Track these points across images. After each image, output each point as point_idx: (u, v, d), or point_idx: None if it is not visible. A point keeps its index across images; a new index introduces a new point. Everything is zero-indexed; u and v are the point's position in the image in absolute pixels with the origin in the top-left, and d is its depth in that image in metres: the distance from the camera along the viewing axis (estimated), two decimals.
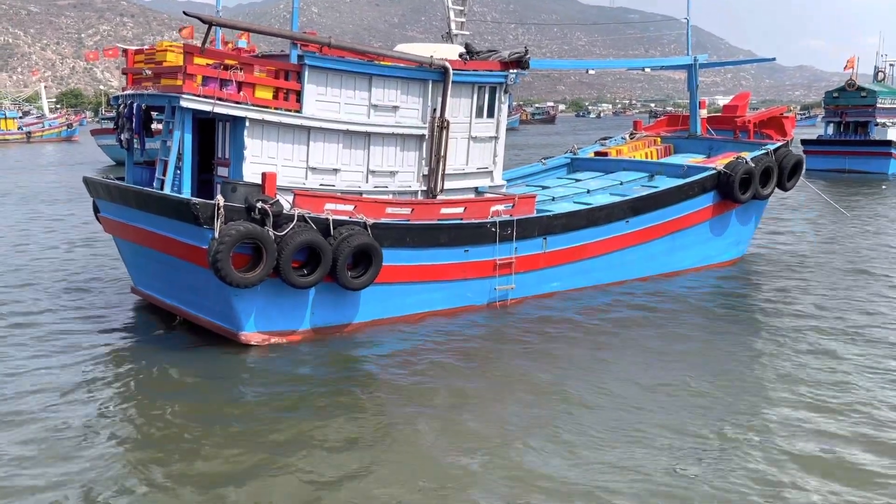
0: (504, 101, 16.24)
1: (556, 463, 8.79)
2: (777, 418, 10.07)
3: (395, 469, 8.72)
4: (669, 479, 8.43)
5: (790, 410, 10.32)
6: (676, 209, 17.71)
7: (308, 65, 13.54)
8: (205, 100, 12.69)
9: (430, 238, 14.05)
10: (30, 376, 11.38)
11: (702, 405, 10.49)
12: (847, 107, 49.46)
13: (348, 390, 11.08)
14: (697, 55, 21.28)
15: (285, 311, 13.01)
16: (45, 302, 15.48)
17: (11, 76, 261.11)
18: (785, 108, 23.55)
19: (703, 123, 21.79)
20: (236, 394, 11.01)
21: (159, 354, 12.51)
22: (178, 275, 13.44)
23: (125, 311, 15.06)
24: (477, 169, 16.13)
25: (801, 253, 21.10)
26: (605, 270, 16.77)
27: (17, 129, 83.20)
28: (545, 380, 11.45)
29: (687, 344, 13.22)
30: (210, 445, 9.26)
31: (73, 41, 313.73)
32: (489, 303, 15.17)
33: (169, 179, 13.03)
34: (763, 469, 8.68)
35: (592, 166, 20.89)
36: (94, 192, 14.94)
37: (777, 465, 8.79)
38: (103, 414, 10.25)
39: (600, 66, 24.01)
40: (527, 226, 15.21)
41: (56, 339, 13.14)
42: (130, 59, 14.76)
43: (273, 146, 13.45)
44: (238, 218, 12.00)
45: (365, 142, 14.44)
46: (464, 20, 16.83)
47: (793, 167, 19.51)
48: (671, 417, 10.05)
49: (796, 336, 13.53)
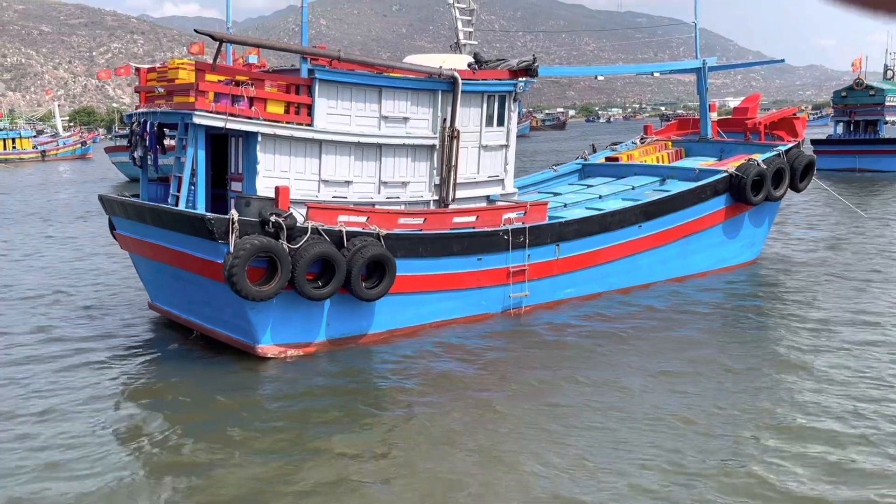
0: (514, 109, 16.30)
1: (567, 479, 8.67)
2: (795, 426, 9.97)
3: (411, 481, 8.74)
4: (684, 493, 8.40)
5: (812, 418, 10.25)
6: (689, 213, 17.70)
7: (318, 78, 13.66)
8: (217, 116, 12.82)
9: (443, 247, 14.11)
10: (48, 391, 11.50)
11: (723, 417, 10.28)
12: (856, 106, 49.27)
13: (365, 402, 11.12)
14: (706, 58, 21.29)
15: (301, 323, 13.09)
16: (64, 319, 15.64)
17: (25, 95, 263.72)
18: (796, 109, 23.51)
19: (713, 126, 21.76)
20: (254, 407, 11.07)
21: (177, 369, 12.62)
22: (195, 290, 13.56)
23: (142, 326, 15.19)
24: (488, 177, 16.19)
25: (815, 254, 21.00)
26: (618, 275, 16.77)
27: (32, 148, 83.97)
28: (561, 391, 11.35)
29: (703, 350, 13.11)
30: (228, 458, 9.31)
31: (84, 59, 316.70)
32: (504, 310, 15.19)
33: (183, 195, 13.16)
34: (783, 480, 8.64)
35: (604, 172, 20.91)
36: (110, 209, 15.09)
37: (800, 478, 8.75)
38: (121, 428, 10.33)
39: (609, 73, 24.05)
40: (539, 233, 15.24)
41: (74, 355, 13.26)
42: (143, 77, 14.92)
43: (285, 160, 13.56)
44: (252, 232, 12.10)
45: (376, 153, 14.52)
46: (472, 30, 16.92)
47: (805, 168, 19.46)
48: (688, 431, 9.88)
49: (814, 339, 13.43)
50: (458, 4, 16.56)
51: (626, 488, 8.38)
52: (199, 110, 12.75)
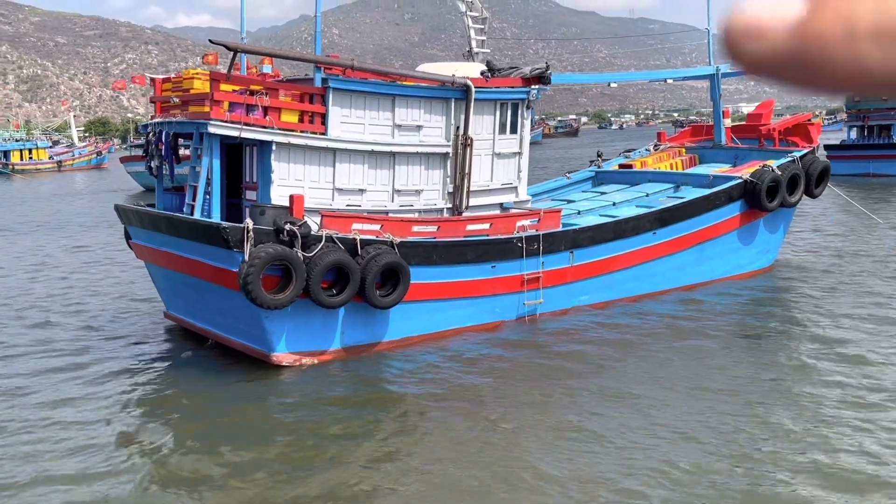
0: (527, 117, 16.31)
1: (577, 490, 8.70)
2: (811, 437, 9.92)
3: (425, 490, 8.72)
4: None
5: (826, 428, 10.18)
6: (703, 219, 17.63)
7: (332, 87, 13.72)
8: (232, 125, 12.90)
9: (457, 255, 14.12)
10: (66, 400, 11.57)
11: (738, 432, 10.16)
12: (869, 110, 49.03)
13: (379, 410, 11.12)
14: (719, 64, 21.23)
15: (315, 331, 13.12)
16: (79, 328, 15.74)
17: (41, 106, 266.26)
18: (810, 115, 23.40)
19: (727, 133, 21.69)
20: (268, 415, 11.10)
21: (192, 377, 12.68)
22: (210, 298, 13.62)
23: (158, 335, 15.26)
24: (501, 185, 16.19)
25: (831, 260, 20.83)
26: (633, 283, 16.71)
27: (49, 159, 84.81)
28: (576, 403, 11.24)
29: (719, 359, 12.97)
30: (242, 467, 9.33)
31: (99, 70, 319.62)
32: (518, 318, 15.17)
33: (199, 205, 13.23)
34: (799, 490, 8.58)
35: (617, 179, 20.86)
36: (126, 219, 15.19)
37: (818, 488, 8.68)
38: (137, 436, 10.38)
39: (622, 80, 23.98)
40: (553, 240, 15.22)
41: (88, 364, 13.34)
42: (158, 87, 15.03)
43: (300, 168, 13.62)
44: (267, 240, 12.15)
45: (390, 161, 14.56)
46: (484, 38, 16.97)
47: (820, 174, 19.36)
48: (702, 442, 9.81)
49: (833, 349, 13.19)
50: (470, 13, 16.62)
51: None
52: (214, 120, 12.83)
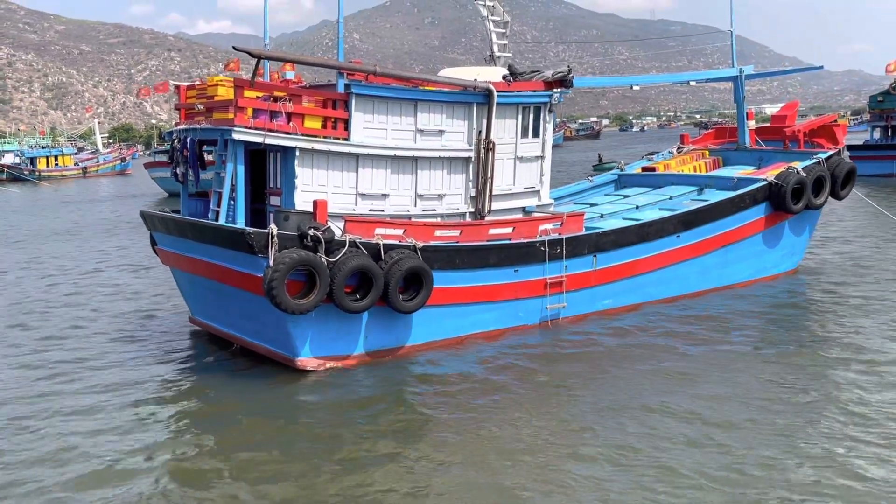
0: (549, 121, 16.29)
1: (606, 495, 8.66)
2: (839, 446, 9.82)
3: (447, 494, 8.72)
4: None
5: (854, 444, 10.06)
6: (728, 222, 17.50)
7: (355, 93, 13.79)
8: (256, 132, 13.00)
9: (480, 259, 14.11)
10: (94, 404, 11.69)
11: (765, 444, 10.06)
12: (892, 110, 48.70)
13: (403, 415, 11.15)
14: (743, 66, 21.08)
15: (339, 335, 13.16)
16: (107, 332, 15.91)
17: (66, 114, 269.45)
18: (835, 116, 23.18)
19: (751, 134, 21.53)
20: (293, 419, 11.14)
21: (217, 382, 12.77)
22: (235, 303, 13.71)
23: (184, 340, 15.39)
24: (524, 189, 16.17)
25: (857, 262, 20.58)
26: (657, 286, 16.62)
27: (74, 165, 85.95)
28: (599, 406, 11.20)
29: (744, 364, 12.86)
30: (267, 470, 9.39)
31: (123, 77, 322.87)
32: (541, 322, 15.14)
33: (223, 210, 13.33)
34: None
35: (640, 182, 20.77)
36: (151, 225, 15.33)
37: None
38: (164, 439, 10.47)
39: (644, 82, 23.86)
40: (576, 244, 15.18)
41: (117, 368, 13.48)
42: (183, 94, 15.16)
43: (323, 174, 13.69)
44: (291, 246, 12.22)
45: (412, 166, 14.60)
46: (506, 42, 16.96)
47: (846, 175, 19.15)
48: (730, 452, 9.71)
49: (862, 356, 12.96)
50: (492, 17, 16.62)
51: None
52: (238, 126, 12.94)
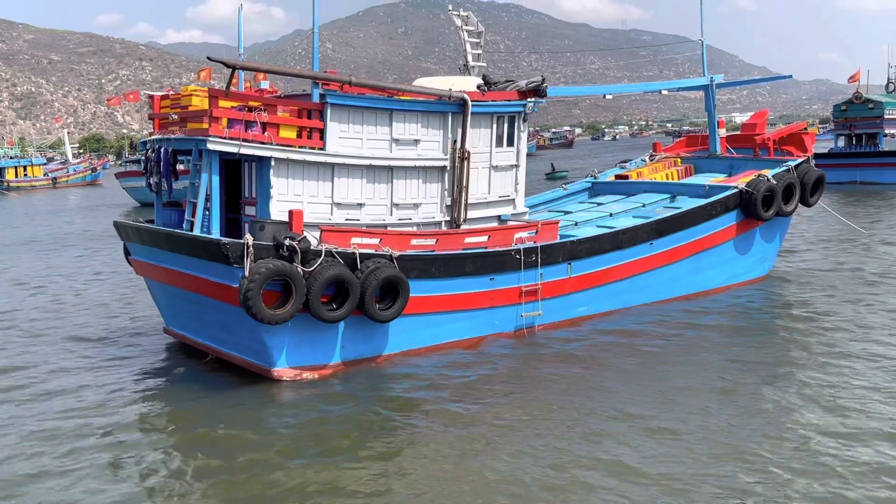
0: (523, 130, 16.41)
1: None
2: (811, 447, 10.00)
3: (423, 500, 8.75)
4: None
5: (823, 441, 10.23)
6: (700, 229, 17.73)
7: (330, 103, 13.80)
8: (231, 142, 12.96)
9: (456, 268, 14.17)
10: (62, 415, 11.56)
11: (738, 437, 10.33)
12: (855, 119, 49.89)
13: (380, 424, 11.14)
14: (713, 75, 21.39)
15: (316, 345, 13.14)
16: (79, 345, 15.73)
17: (35, 124, 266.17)
18: (805, 124, 23.55)
19: (722, 143, 21.84)
20: (270, 430, 11.08)
21: (192, 393, 12.67)
22: (210, 314, 13.64)
23: (158, 351, 15.26)
24: (499, 197, 16.27)
25: (824, 268, 20.94)
26: (631, 293, 16.78)
27: (44, 176, 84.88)
28: (575, 413, 11.29)
29: (715, 371, 13.04)
30: (244, 481, 9.34)
31: (93, 87, 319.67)
32: (517, 330, 15.22)
33: (198, 220, 13.27)
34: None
35: (614, 189, 20.97)
36: (125, 235, 15.21)
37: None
38: (136, 452, 10.35)
39: (617, 91, 24.11)
40: (551, 252, 15.29)
41: (90, 380, 13.33)
42: (157, 104, 15.08)
43: (298, 184, 13.67)
44: (267, 256, 12.19)
45: (388, 176, 14.63)
46: (480, 52, 17.07)
47: (815, 182, 19.50)
48: (703, 456, 9.86)
49: (830, 357, 13.29)
50: (465, 27, 16.73)
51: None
52: (212, 136, 12.89)
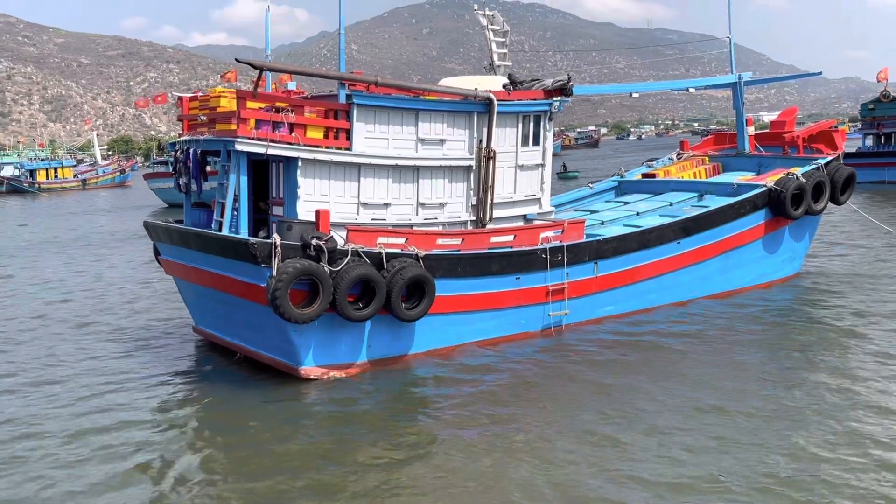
0: (549, 129, 16.37)
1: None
2: (840, 449, 9.87)
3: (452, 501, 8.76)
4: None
5: (860, 449, 10.10)
6: (728, 228, 17.57)
7: (356, 103, 13.87)
8: (259, 142, 13.07)
9: (482, 267, 14.17)
10: (96, 413, 11.73)
11: (761, 437, 10.22)
12: (883, 118, 49.17)
13: (406, 424, 11.17)
14: (741, 73, 21.18)
15: (343, 344, 13.21)
16: (108, 343, 15.94)
17: (65, 126, 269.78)
18: (834, 122, 23.21)
19: (751, 141, 21.62)
20: (297, 429, 11.14)
21: (220, 391, 12.79)
22: (238, 313, 13.76)
23: (187, 349, 15.42)
24: (525, 196, 16.24)
25: (855, 268, 20.65)
26: (658, 292, 16.67)
27: (73, 177, 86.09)
28: (602, 412, 11.22)
29: (745, 371, 12.90)
30: (270, 480, 9.41)
31: (122, 89, 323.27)
32: (543, 329, 15.18)
33: (227, 221, 13.40)
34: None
35: (640, 188, 20.85)
36: (155, 235, 15.39)
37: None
38: (163, 449, 10.48)
39: (644, 90, 23.96)
40: (577, 251, 15.24)
41: (118, 379, 13.49)
42: (185, 105, 15.23)
43: (325, 184, 13.76)
44: (294, 255, 12.28)
45: (414, 175, 14.67)
46: (505, 51, 17.06)
47: (845, 181, 19.25)
48: (730, 459, 9.74)
49: (865, 360, 13.07)
50: (491, 27, 16.73)
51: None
52: (240, 137, 13.01)
